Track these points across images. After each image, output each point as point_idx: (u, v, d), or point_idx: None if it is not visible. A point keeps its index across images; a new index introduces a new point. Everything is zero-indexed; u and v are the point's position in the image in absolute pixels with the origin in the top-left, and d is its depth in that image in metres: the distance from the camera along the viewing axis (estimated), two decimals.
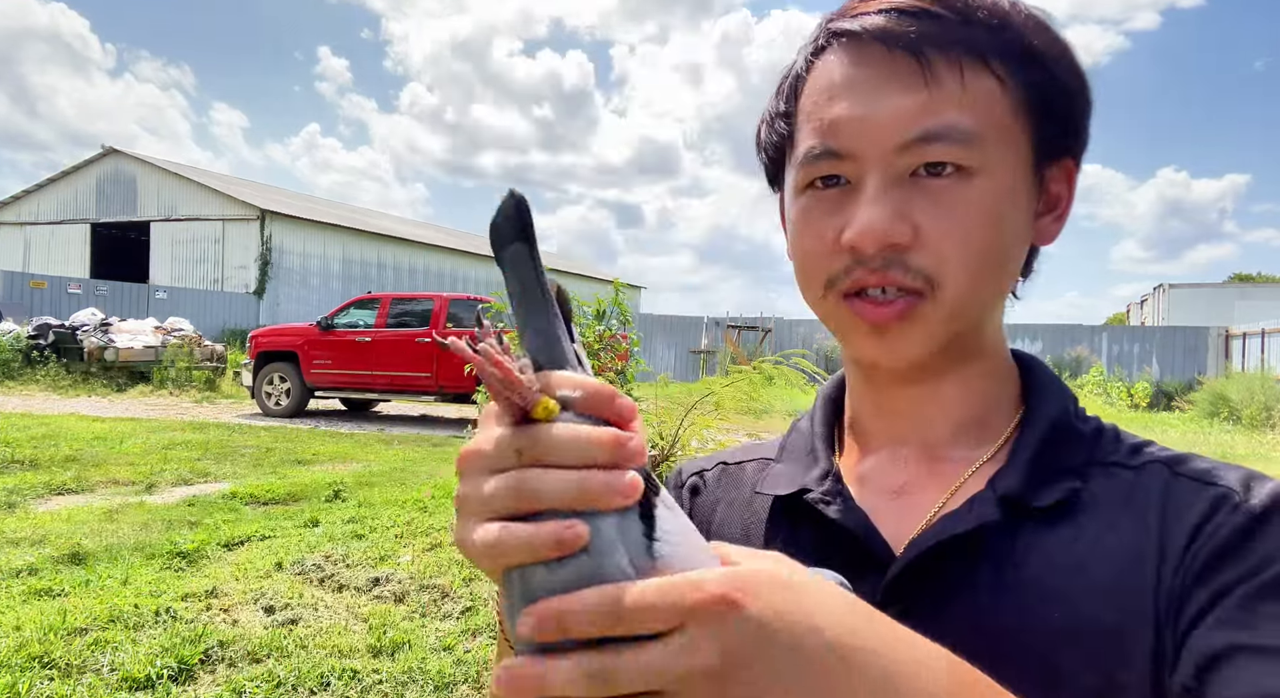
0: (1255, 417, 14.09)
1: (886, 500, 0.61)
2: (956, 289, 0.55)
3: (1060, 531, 0.54)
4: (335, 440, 9.86)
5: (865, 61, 0.55)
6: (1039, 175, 0.58)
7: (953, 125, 0.53)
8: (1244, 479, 0.53)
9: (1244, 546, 0.49)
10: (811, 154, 0.57)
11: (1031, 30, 0.56)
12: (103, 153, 27.75)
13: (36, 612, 3.66)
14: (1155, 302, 33.93)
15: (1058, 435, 0.58)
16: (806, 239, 0.58)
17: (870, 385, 0.64)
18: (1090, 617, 0.51)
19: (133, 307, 21.18)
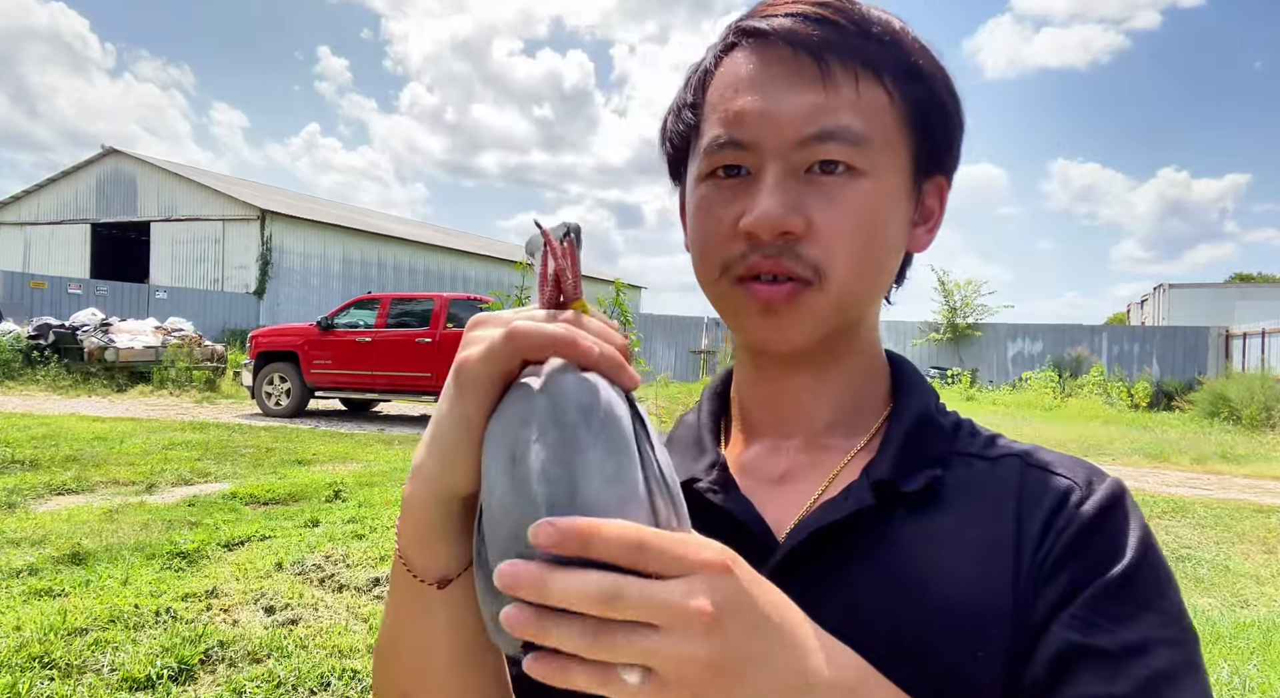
0: (1255, 417, 14.09)
1: (769, 488, 0.64)
2: (841, 281, 0.58)
3: (926, 517, 0.58)
4: (335, 440, 9.86)
5: (771, 60, 0.59)
6: (916, 187, 0.63)
7: (846, 127, 0.57)
8: (1088, 476, 0.59)
9: (1086, 544, 0.54)
10: (716, 143, 0.60)
11: (918, 52, 0.60)
12: (103, 153, 27.76)
13: (36, 612, 3.66)
14: (1155, 302, 33.94)
15: (922, 428, 0.63)
16: (706, 224, 0.61)
17: (759, 374, 0.67)
18: (951, 598, 0.54)
19: (133, 307, 21.18)
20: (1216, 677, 3.37)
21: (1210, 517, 6.60)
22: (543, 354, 0.44)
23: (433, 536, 0.50)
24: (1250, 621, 4.16)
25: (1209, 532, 6.18)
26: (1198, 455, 10.59)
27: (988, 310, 23.63)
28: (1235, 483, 8.73)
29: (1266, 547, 5.81)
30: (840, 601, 0.55)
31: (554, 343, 0.43)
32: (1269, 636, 3.91)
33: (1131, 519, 0.56)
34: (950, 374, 22.12)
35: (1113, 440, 12.17)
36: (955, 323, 23.45)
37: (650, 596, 0.38)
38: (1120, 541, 0.55)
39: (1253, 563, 5.40)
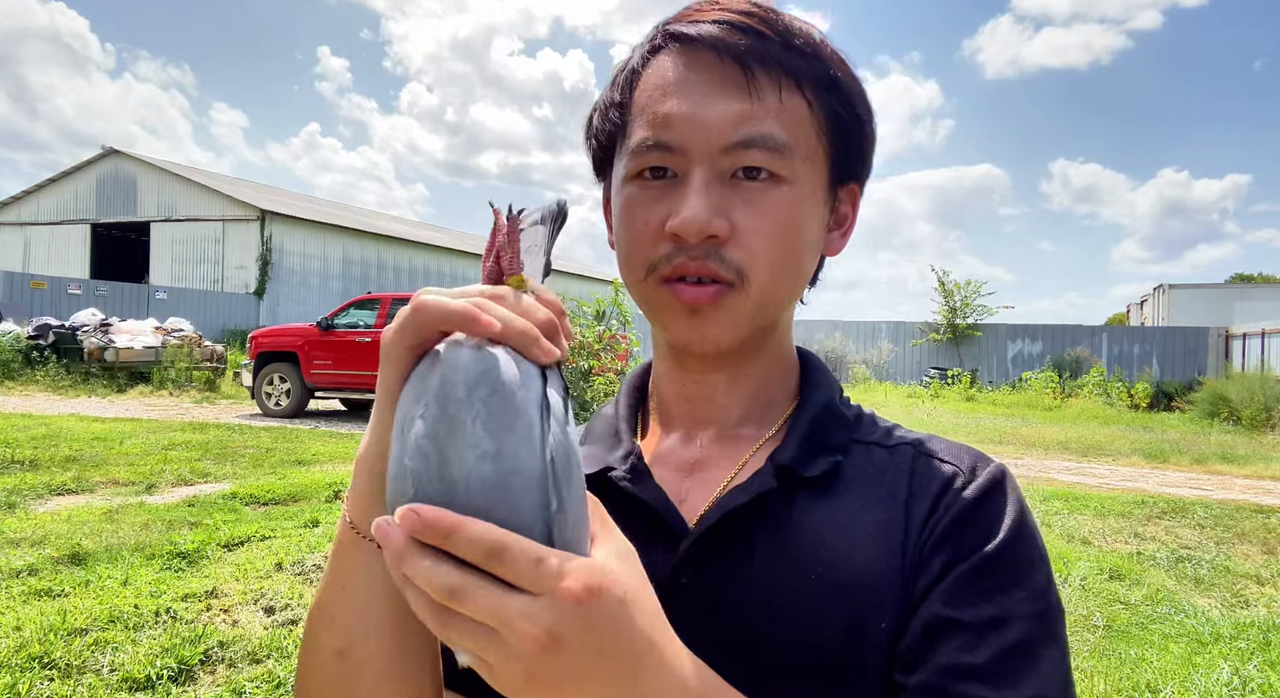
0: (1255, 417, 14.09)
1: (682, 477, 0.66)
2: (762, 283, 0.60)
3: (826, 500, 0.61)
4: (335, 441, 9.86)
5: (698, 65, 0.60)
6: (832, 193, 0.65)
7: (770, 134, 0.59)
8: (972, 462, 0.62)
9: (963, 526, 0.58)
10: (644, 145, 0.61)
11: (836, 64, 0.62)
12: (103, 153, 27.75)
13: (36, 612, 3.66)
14: (1155, 302, 33.94)
15: (825, 417, 0.67)
16: (633, 225, 0.62)
17: (678, 370, 0.69)
18: (845, 576, 0.57)
19: (133, 307, 21.17)
20: (1217, 677, 3.38)
21: (1210, 517, 6.60)
22: (446, 328, 0.45)
23: (373, 499, 0.52)
24: (1250, 621, 4.16)
25: (1209, 532, 6.18)
26: (1198, 456, 10.59)
27: (988, 311, 23.63)
28: (1235, 483, 8.73)
29: (1266, 547, 5.81)
30: (746, 579, 0.59)
31: (452, 317, 0.44)
32: (1269, 636, 3.91)
33: (1009, 503, 0.59)
34: (950, 375, 22.11)
35: (1113, 441, 12.16)
36: (955, 323, 23.45)
37: (490, 606, 0.39)
38: (995, 523, 0.58)
39: (1253, 563, 5.40)
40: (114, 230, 28.46)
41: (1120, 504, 6.98)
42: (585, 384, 5.14)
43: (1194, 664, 3.54)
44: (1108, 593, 4.59)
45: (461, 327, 0.44)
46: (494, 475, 0.39)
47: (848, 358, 23.91)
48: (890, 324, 24.65)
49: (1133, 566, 5.15)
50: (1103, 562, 5.15)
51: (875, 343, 24.39)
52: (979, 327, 23.52)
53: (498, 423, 0.40)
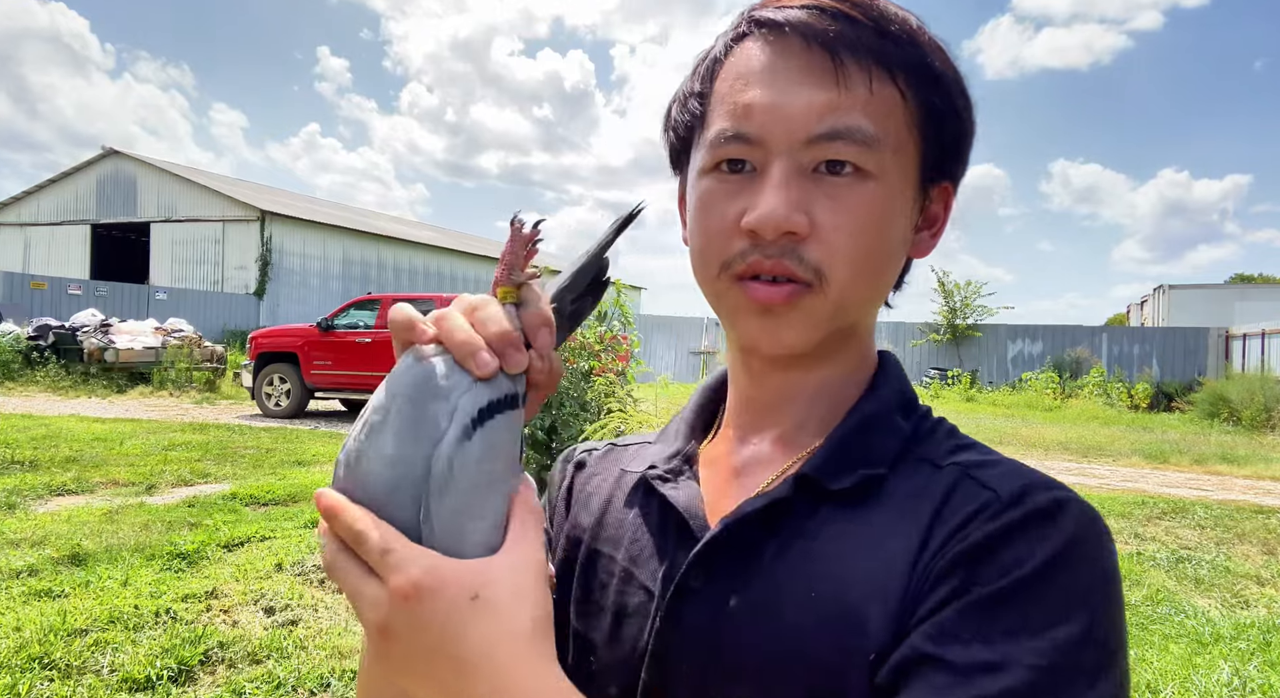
0: (1255, 417, 14.08)
1: (726, 481, 0.65)
2: (842, 285, 0.57)
3: (852, 516, 0.56)
4: (335, 441, 9.85)
5: (783, 53, 0.57)
6: (923, 192, 0.61)
7: (858, 127, 0.55)
8: (1022, 489, 0.52)
9: (985, 553, 0.49)
10: (722, 136, 0.58)
11: (934, 52, 0.58)
12: (103, 153, 27.75)
13: (36, 612, 3.66)
14: (1155, 302, 33.94)
15: (872, 426, 0.61)
16: (708, 220, 0.59)
17: (745, 372, 0.66)
18: (844, 595, 0.53)
19: (133, 307, 21.17)
20: (1217, 677, 3.38)
21: (1210, 517, 6.60)
22: (402, 337, 0.49)
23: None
24: (1250, 621, 4.16)
25: (1209, 532, 6.18)
26: (1198, 456, 10.59)
27: (988, 311, 23.62)
28: (1235, 484, 8.72)
29: (1266, 547, 5.81)
30: (747, 590, 0.56)
31: (398, 327, 0.49)
32: (1269, 636, 3.91)
33: (1054, 536, 0.49)
34: (950, 375, 22.11)
35: (1113, 441, 12.16)
36: (955, 324, 23.44)
37: (349, 585, 0.45)
38: (1025, 555, 0.48)
39: (1253, 563, 5.40)
40: (114, 231, 28.45)
41: (1120, 505, 6.98)
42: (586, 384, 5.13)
43: (1194, 665, 3.54)
44: None
45: (405, 336, 0.48)
46: (388, 477, 0.44)
47: None
48: (890, 324, 24.64)
49: (1133, 566, 5.15)
50: None
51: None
52: (979, 327, 23.51)
53: (405, 430, 0.44)
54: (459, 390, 0.45)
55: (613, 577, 0.64)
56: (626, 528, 0.66)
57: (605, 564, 0.65)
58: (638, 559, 0.63)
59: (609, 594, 0.63)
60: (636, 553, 0.64)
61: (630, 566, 0.63)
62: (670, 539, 0.62)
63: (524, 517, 0.48)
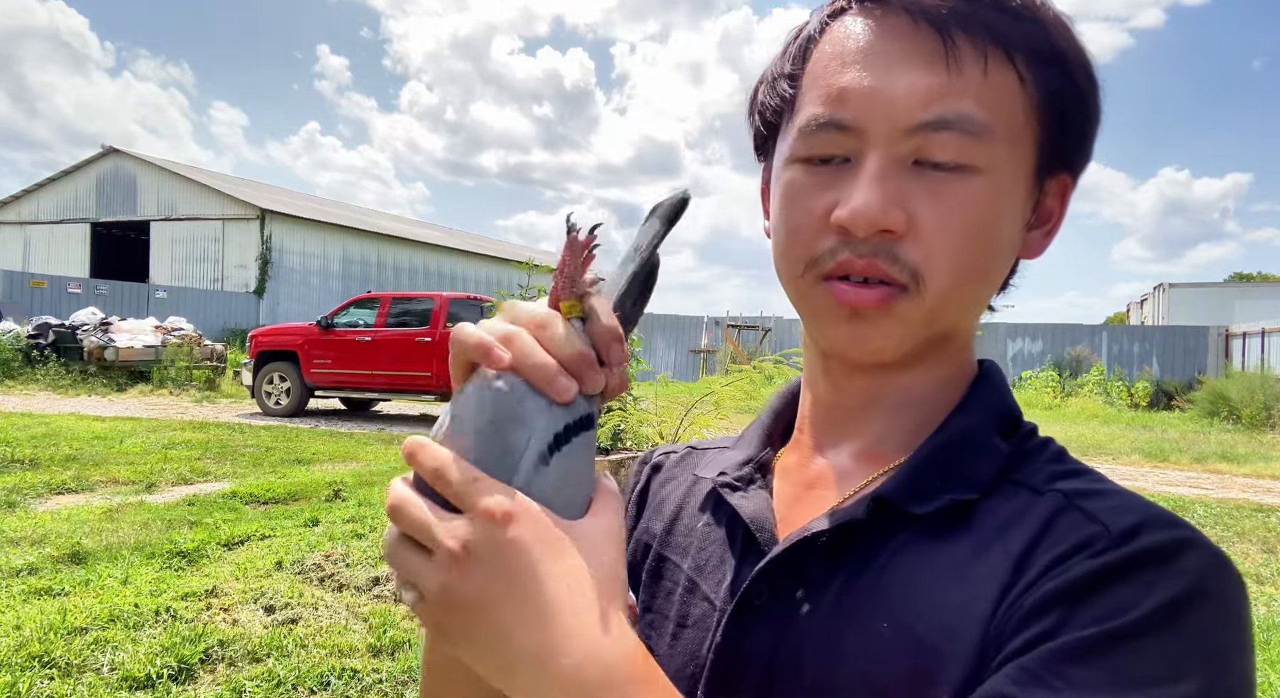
0: (1255, 416, 14.08)
1: (799, 493, 0.61)
2: (940, 289, 0.52)
3: (933, 543, 0.51)
4: (335, 440, 9.86)
5: (887, 31, 0.52)
6: (1038, 185, 0.56)
7: (968, 115, 0.50)
8: (1136, 524, 0.46)
9: (1085, 594, 0.44)
10: (815, 123, 0.53)
11: (1059, 31, 0.53)
12: (102, 152, 27.75)
13: (36, 611, 3.66)
14: (1155, 301, 33.93)
15: (964, 444, 0.55)
16: (794, 213, 0.55)
17: (824, 377, 0.62)
18: (918, 629, 0.48)
19: (133, 306, 21.17)
20: None
21: (1210, 516, 6.60)
22: (470, 359, 0.45)
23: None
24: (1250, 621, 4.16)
25: (1209, 531, 6.18)
26: (1198, 455, 10.59)
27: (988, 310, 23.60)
28: (1235, 482, 8.73)
29: (1266, 546, 5.81)
30: (815, 613, 0.53)
31: (469, 352, 0.44)
32: (1269, 636, 3.91)
33: (1171, 581, 0.43)
34: None
35: (1113, 440, 12.17)
36: None
37: (417, 518, 0.42)
38: (1130, 600, 0.42)
39: (1253, 563, 5.40)
40: (114, 229, 28.45)
41: None
42: None
43: None
44: None
45: (479, 360, 0.44)
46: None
47: None
48: None
49: None
50: None
51: None
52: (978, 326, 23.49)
53: (487, 459, 0.43)
54: (537, 416, 0.44)
55: (678, 585, 0.62)
56: (695, 536, 0.64)
57: (671, 572, 0.64)
58: (703, 569, 0.61)
59: (673, 603, 0.62)
60: (703, 562, 0.62)
61: (695, 575, 0.62)
62: (736, 551, 0.60)
63: (606, 498, 0.46)
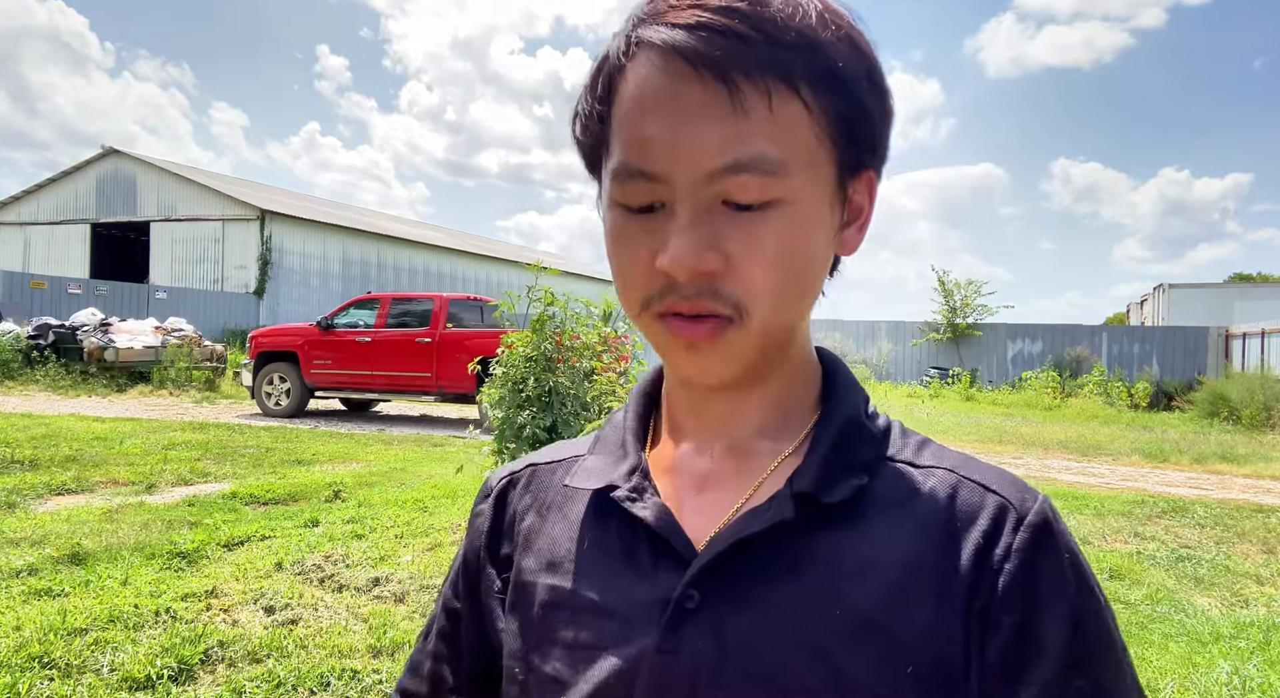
0: (1255, 417, 14.08)
1: (693, 494, 0.63)
2: (763, 316, 0.56)
3: (849, 529, 0.57)
4: (335, 440, 9.86)
5: (674, 79, 0.53)
6: (842, 191, 0.59)
7: (761, 155, 0.53)
8: (1020, 495, 0.58)
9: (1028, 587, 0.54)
10: (626, 172, 0.55)
11: (839, 52, 0.55)
12: (102, 153, 27.74)
13: (36, 612, 3.66)
14: (1155, 302, 33.93)
15: (850, 433, 0.62)
16: (623, 258, 0.58)
17: (684, 390, 0.66)
18: (869, 619, 0.54)
19: (133, 307, 21.17)
20: (1216, 676, 3.38)
21: (1210, 517, 6.60)
22: None
23: None
24: (1250, 620, 4.16)
25: (1209, 532, 6.18)
26: (1198, 455, 10.59)
27: (988, 311, 23.62)
28: (1235, 483, 8.73)
29: (1266, 547, 5.81)
30: (758, 614, 0.55)
31: None
32: (1269, 636, 3.91)
33: (1063, 550, 0.56)
34: (951, 374, 22.11)
35: (1113, 440, 12.16)
36: (955, 323, 23.44)
37: None
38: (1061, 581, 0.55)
39: (1253, 563, 5.40)
40: (114, 230, 28.45)
41: (1120, 504, 6.98)
42: (587, 384, 5.13)
43: (1194, 664, 3.54)
44: (1108, 592, 4.58)
45: None
46: None
47: (848, 358, 23.91)
48: (890, 324, 24.64)
49: (1133, 565, 5.15)
50: (1103, 561, 5.15)
51: (875, 343, 24.38)
52: (979, 326, 23.51)
53: None
54: None
55: (580, 610, 0.61)
56: (586, 557, 0.63)
57: (568, 599, 0.62)
58: (608, 588, 0.61)
59: (578, 629, 0.61)
60: (605, 581, 0.61)
61: (600, 595, 0.61)
62: (645, 562, 0.60)
63: None
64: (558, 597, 0.63)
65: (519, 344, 5.05)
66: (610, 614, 0.60)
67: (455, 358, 11.49)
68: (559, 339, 5.08)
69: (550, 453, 0.75)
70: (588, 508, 0.66)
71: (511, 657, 0.64)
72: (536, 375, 4.93)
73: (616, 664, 0.58)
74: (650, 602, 0.58)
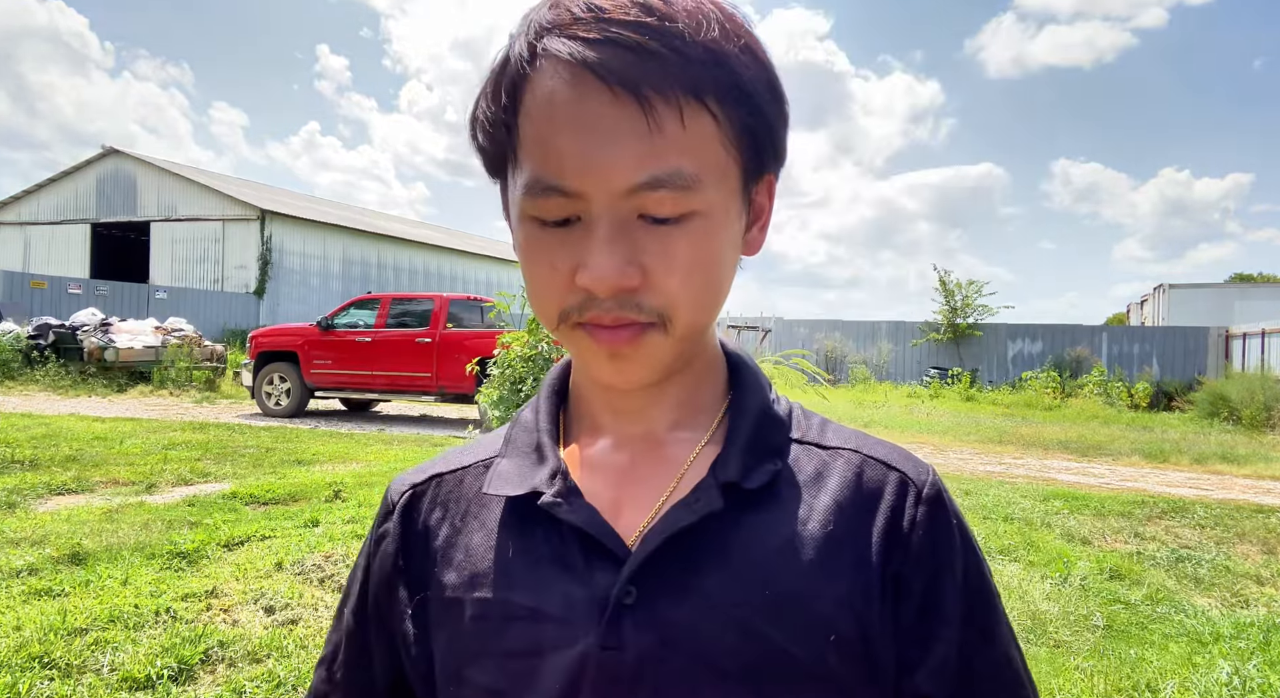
0: (1255, 417, 14.08)
1: (615, 489, 0.64)
2: (684, 323, 0.58)
3: (770, 512, 0.60)
4: (335, 440, 9.86)
5: (585, 95, 0.53)
6: (746, 196, 0.60)
7: (676, 171, 0.53)
8: (915, 469, 0.64)
9: (928, 556, 0.60)
10: (540, 186, 0.55)
11: (743, 64, 0.55)
12: (103, 153, 27.75)
13: (36, 612, 3.66)
14: (1155, 302, 33.93)
15: (762, 421, 0.65)
16: (539, 272, 0.58)
17: (602, 389, 0.66)
18: (794, 594, 0.57)
19: (133, 307, 21.17)
20: (1216, 676, 3.38)
21: (1210, 517, 6.60)
22: None
23: None
24: (1250, 620, 4.16)
25: (1209, 532, 6.18)
26: (1198, 456, 10.59)
27: (988, 311, 23.63)
28: (1235, 483, 8.73)
29: (1266, 547, 5.81)
30: (694, 604, 0.57)
31: None
32: (1269, 636, 3.91)
33: (952, 516, 0.62)
34: (951, 374, 22.12)
35: (1113, 440, 12.16)
36: (955, 323, 23.45)
37: None
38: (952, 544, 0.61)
39: (1252, 563, 5.40)
40: (114, 230, 28.46)
41: (1120, 504, 6.98)
42: None
43: (1194, 664, 3.54)
44: (1108, 593, 4.59)
45: None
46: None
47: (848, 358, 23.91)
48: (890, 324, 24.65)
49: (1133, 565, 5.15)
50: (1103, 561, 5.15)
51: (875, 343, 24.39)
52: (979, 326, 23.51)
53: None
54: None
55: (511, 619, 0.60)
56: (513, 563, 0.62)
57: (497, 608, 0.61)
58: (541, 592, 0.60)
59: (513, 638, 0.60)
60: (535, 585, 0.61)
61: (533, 601, 0.60)
62: (578, 563, 0.60)
63: None
64: (487, 608, 0.62)
65: (515, 344, 5.05)
66: (546, 618, 0.59)
67: (455, 358, 11.49)
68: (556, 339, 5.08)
69: (450, 460, 0.73)
70: (505, 514, 0.65)
71: (443, 675, 0.63)
72: (535, 375, 4.93)
73: (560, 665, 0.58)
74: (588, 601, 0.58)
